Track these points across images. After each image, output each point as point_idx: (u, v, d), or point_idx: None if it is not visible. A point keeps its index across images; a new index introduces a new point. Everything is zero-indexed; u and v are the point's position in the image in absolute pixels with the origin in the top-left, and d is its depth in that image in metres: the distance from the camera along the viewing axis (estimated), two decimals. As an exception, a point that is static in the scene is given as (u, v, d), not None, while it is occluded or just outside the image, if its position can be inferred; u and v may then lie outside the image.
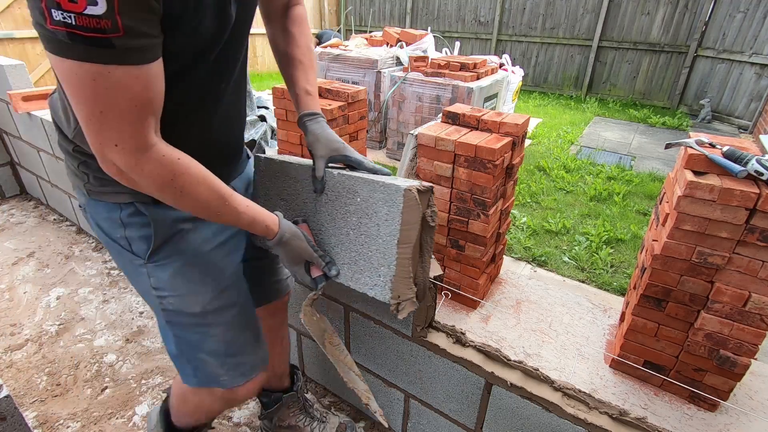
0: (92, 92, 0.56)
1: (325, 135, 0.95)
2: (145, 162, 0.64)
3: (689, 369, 1.71)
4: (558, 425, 1.04)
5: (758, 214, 1.39)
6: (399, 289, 0.86)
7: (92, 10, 0.50)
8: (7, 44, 5.47)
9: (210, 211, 0.75)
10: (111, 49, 0.53)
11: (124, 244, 0.86)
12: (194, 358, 0.93)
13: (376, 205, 0.84)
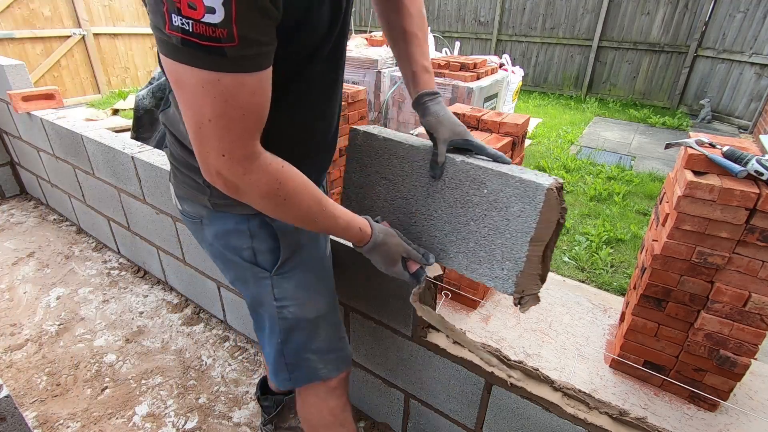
0: (201, 99, 0.55)
1: (448, 117, 0.89)
2: (253, 171, 0.63)
3: (689, 369, 1.71)
4: (558, 425, 1.04)
5: (758, 214, 1.39)
6: (524, 284, 0.83)
7: (209, 18, 0.49)
8: (7, 44, 5.47)
9: (309, 218, 0.74)
10: (223, 58, 0.53)
11: (247, 255, 0.86)
12: (299, 358, 0.95)
13: (508, 200, 0.80)
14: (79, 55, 6.22)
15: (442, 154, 0.88)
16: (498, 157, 0.88)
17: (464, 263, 0.90)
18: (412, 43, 0.92)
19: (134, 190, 1.99)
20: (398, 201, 0.97)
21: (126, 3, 6.58)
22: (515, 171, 0.82)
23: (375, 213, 1.04)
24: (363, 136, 0.99)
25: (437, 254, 0.95)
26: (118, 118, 5.32)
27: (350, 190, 1.08)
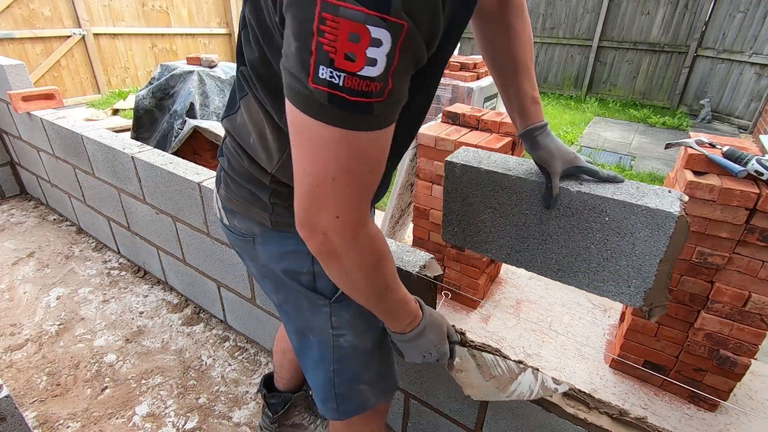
0: (330, 156, 0.49)
1: (559, 148, 0.85)
2: (362, 237, 0.58)
3: (689, 369, 1.71)
4: (558, 425, 1.04)
5: (758, 214, 1.39)
6: (653, 297, 0.84)
7: (368, 71, 0.43)
8: (7, 44, 5.47)
9: (385, 289, 0.68)
10: (368, 115, 0.47)
11: (306, 281, 0.80)
12: (351, 388, 0.88)
13: (634, 227, 0.80)
14: (79, 55, 6.23)
15: (557, 187, 0.85)
16: (612, 178, 0.85)
17: (586, 281, 0.89)
18: (522, 74, 0.86)
19: (134, 190, 1.99)
20: (507, 228, 0.96)
21: (126, 3, 6.58)
22: (636, 197, 0.80)
23: (481, 240, 1.02)
24: (461, 169, 0.97)
25: (555, 273, 0.93)
26: (118, 118, 5.32)
27: (452, 218, 1.05)
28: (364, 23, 0.41)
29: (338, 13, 0.41)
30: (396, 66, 0.44)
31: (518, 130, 0.89)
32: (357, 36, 0.41)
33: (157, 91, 3.38)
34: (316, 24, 0.41)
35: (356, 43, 0.41)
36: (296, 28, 0.43)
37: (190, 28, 7.55)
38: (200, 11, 7.68)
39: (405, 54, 0.45)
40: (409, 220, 2.68)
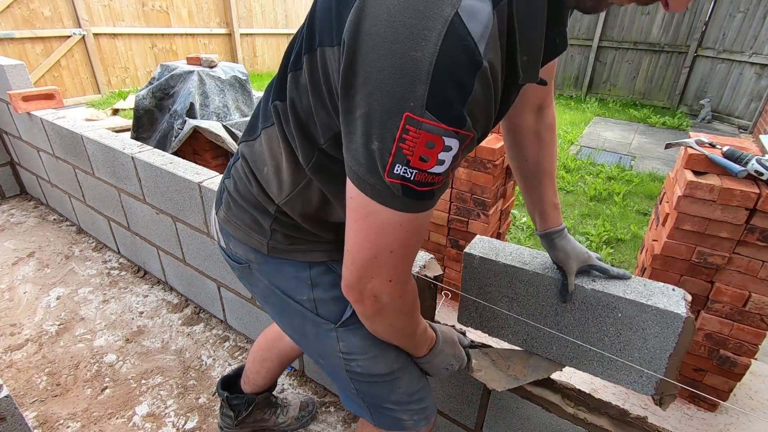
0: (393, 235, 0.55)
1: (574, 249, 0.92)
2: (408, 291, 0.65)
3: (689, 369, 1.71)
4: (558, 425, 1.04)
5: (758, 214, 1.39)
6: (663, 387, 0.90)
7: (437, 169, 0.50)
8: (7, 44, 5.47)
9: (414, 328, 0.76)
10: (431, 201, 0.54)
11: (309, 306, 0.81)
12: (380, 407, 0.89)
13: (645, 324, 0.86)
14: (79, 55, 6.23)
15: (572, 284, 0.91)
16: (621, 276, 0.92)
17: (600, 369, 0.96)
18: (547, 181, 0.92)
19: (134, 190, 1.99)
20: (524, 316, 1.02)
21: (126, 3, 6.58)
22: (645, 295, 0.87)
23: (497, 326, 1.09)
24: (479, 261, 1.03)
25: (571, 360, 1.00)
26: (118, 118, 5.32)
27: (469, 304, 1.12)
28: (441, 136, 0.48)
29: (420, 127, 0.47)
30: (458, 161, 0.53)
31: (537, 229, 0.96)
32: (433, 144, 0.48)
33: (157, 91, 3.38)
34: (399, 133, 0.47)
35: (431, 149, 0.48)
36: (378, 132, 0.49)
37: (190, 28, 7.55)
38: (200, 11, 7.68)
39: (465, 153, 0.54)
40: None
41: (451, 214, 2.10)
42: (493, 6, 0.48)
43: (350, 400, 0.91)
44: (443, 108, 0.46)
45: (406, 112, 0.47)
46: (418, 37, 0.45)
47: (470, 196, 1.99)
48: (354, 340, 0.80)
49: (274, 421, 1.49)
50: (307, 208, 0.74)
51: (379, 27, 0.47)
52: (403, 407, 0.89)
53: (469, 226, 2.06)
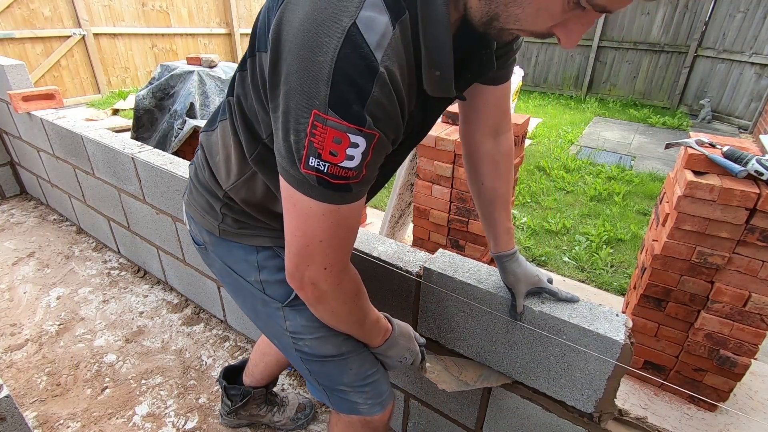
0: (317, 225, 0.60)
1: (524, 272, 0.96)
2: (345, 280, 0.69)
3: (689, 369, 1.71)
4: (558, 425, 1.04)
5: (758, 214, 1.39)
6: (603, 406, 0.96)
7: (347, 163, 0.55)
8: (7, 44, 5.47)
9: (361, 316, 0.79)
10: (347, 193, 0.59)
11: (257, 286, 0.87)
12: (334, 389, 0.93)
13: (587, 347, 0.91)
14: (79, 55, 6.23)
15: (521, 305, 0.96)
16: (569, 299, 0.97)
17: (546, 385, 1.02)
18: (500, 207, 0.97)
19: (134, 190, 1.99)
20: (478, 331, 1.09)
21: (126, 3, 6.58)
22: (589, 320, 0.92)
23: (454, 337, 1.15)
24: (438, 276, 1.09)
25: (520, 374, 1.06)
26: (118, 118, 5.32)
27: (428, 315, 1.18)
28: (345, 132, 0.53)
29: (326, 124, 0.53)
30: (369, 160, 0.57)
31: (491, 251, 1.01)
32: (339, 140, 0.54)
33: (157, 91, 3.38)
34: (310, 128, 0.53)
35: (338, 145, 0.54)
36: (294, 128, 0.55)
37: (190, 28, 7.55)
38: (200, 11, 7.67)
39: (376, 152, 0.58)
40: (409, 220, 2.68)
41: (451, 214, 2.10)
42: (394, 19, 0.53)
43: (309, 383, 0.97)
44: (344, 107, 0.52)
45: (314, 110, 0.52)
46: (321, 44, 0.51)
47: (470, 196, 1.99)
48: (300, 319, 0.85)
49: (269, 419, 1.52)
50: (251, 197, 0.81)
51: (292, 35, 0.53)
52: (356, 389, 0.92)
53: (469, 226, 2.06)
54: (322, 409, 1.63)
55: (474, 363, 1.13)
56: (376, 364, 0.94)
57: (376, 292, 1.27)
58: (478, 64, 0.68)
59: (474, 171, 0.98)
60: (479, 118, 0.91)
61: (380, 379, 0.95)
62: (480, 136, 0.93)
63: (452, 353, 1.18)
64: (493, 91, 0.87)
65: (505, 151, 0.95)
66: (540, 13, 0.53)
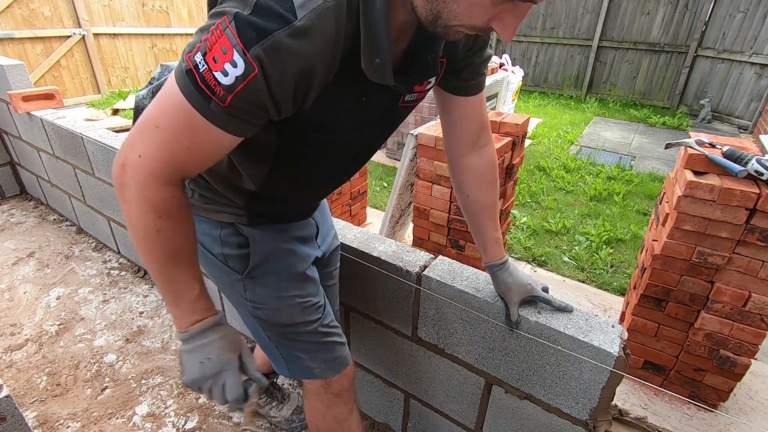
0: (168, 112, 0.61)
1: (515, 281, 0.98)
2: (151, 189, 0.64)
3: (689, 369, 1.71)
4: (558, 425, 1.04)
5: (758, 214, 1.39)
6: (598, 414, 0.97)
7: (219, 77, 0.56)
8: (7, 44, 5.47)
9: (164, 258, 0.69)
10: (205, 105, 0.59)
11: (221, 259, 0.92)
12: (289, 354, 1.00)
13: (582, 357, 0.93)
14: (79, 55, 6.22)
15: (515, 314, 0.97)
16: (563, 308, 0.98)
17: (542, 392, 1.04)
18: (486, 216, 0.99)
19: (134, 190, 1.98)
20: (476, 338, 1.11)
21: (126, 3, 6.57)
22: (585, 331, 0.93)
23: (453, 343, 1.16)
24: (437, 283, 1.10)
25: (516, 381, 1.07)
26: (118, 118, 5.32)
27: (427, 321, 1.19)
28: (232, 46, 0.55)
29: (224, 31, 0.55)
30: (238, 92, 0.57)
31: (483, 261, 1.03)
32: (225, 50, 0.55)
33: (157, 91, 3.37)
34: (212, 29, 0.56)
35: (223, 55, 0.56)
36: (205, 26, 0.58)
37: (190, 28, 7.55)
38: (200, 11, 7.67)
39: (249, 90, 0.57)
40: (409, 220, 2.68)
41: (451, 214, 2.10)
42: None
43: (268, 350, 1.02)
44: (245, 29, 0.54)
45: (224, 16, 0.55)
46: None
47: (470, 196, 1.99)
48: (257, 289, 0.92)
49: (266, 411, 1.53)
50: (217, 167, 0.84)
51: None
52: (310, 356, 0.99)
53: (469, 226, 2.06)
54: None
55: None
56: (329, 334, 1.01)
57: (376, 293, 1.27)
58: (424, 67, 0.72)
59: (459, 183, 1.01)
60: (459, 130, 0.94)
61: (334, 347, 1.02)
62: (461, 149, 0.96)
63: (452, 358, 1.18)
64: (468, 102, 0.90)
65: (487, 162, 0.98)
66: (473, 7, 0.57)
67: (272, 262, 0.93)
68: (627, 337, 0.93)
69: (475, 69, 0.85)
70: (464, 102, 0.90)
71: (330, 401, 1.05)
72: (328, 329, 1.01)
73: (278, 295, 0.93)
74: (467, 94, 0.89)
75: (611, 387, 0.93)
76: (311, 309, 0.97)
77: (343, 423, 1.08)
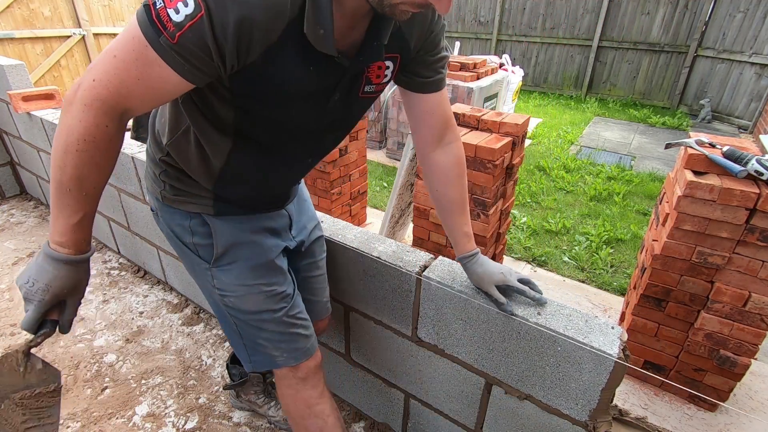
0: (123, 43, 0.65)
1: (486, 272, 1.01)
2: (92, 114, 0.67)
3: (689, 369, 1.71)
4: (558, 425, 1.04)
5: (758, 214, 1.39)
6: (597, 415, 0.98)
7: (171, 14, 0.61)
8: (7, 44, 5.46)
9: (67, 179, 0.70)
10: (155, 38, 0.63)
11: (192, 248, 0.99)
12: (253, 342, 1.04)
13: (581, 359, 0.93)
14: (79, 55, 6.22)
15: (498, 296, 1.00)
16: (537, 300, 1.00)
17: (541, 393, 1.04)
18: (455, 212, 1.03)
19: (134, 190, 1.99)
20: (475, 339, 1.11)
21: (126, 3, 6.57)
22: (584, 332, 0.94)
23: (453, 343, 1.16)
24: (436, 284, 1.11)
25: (516, 382, 1.07)
26: (118, 118, 5.32)
27: (427, 321, 1.19)
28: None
29: None
30: (185, 31, 0.61)
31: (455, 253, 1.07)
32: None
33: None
34: None
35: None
36: None
37: (190, 28, 7.55)
38: (200, 11, 7.67)
39: (194, 29, 0.61)
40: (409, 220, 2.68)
41: (451, 214, 2.10)
42: None
43: (232, 337, 1.06)
44: None
45: None
46: None
47: (470, 196, 1.99)
48: (224, 278, 0.97)
49: (265, 411, 1.55)
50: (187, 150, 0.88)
51: None
52: (274, 344, 1.03)
53: (469, 226, 2.06)
54: (322, 409, 1.63)
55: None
56: (292, 325, 1.04)
57: (376, 293, 1.27)
58: (370, 49, 0.77)
59: (428, 179, 1.05)
60: (423, 127, 0.99)
61: (297, 338, 1.05)
62: (428, 145, 1.01)
63: (451, 358, 1.18)
64: (430, 98, 0.95)
65: (453, 158, 1.01)
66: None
67: (236, 251, 0.97)
68: (627, 338, 0.93)
69: (430, 66, 0.91)
70: (425, 99, 0.95)
71: (298, 385, 1.09)
72: (293, 320, 1.04)
73: (243, 284, 0.97)
74: (426, 92, 0.94)
75: (611, 388, 0.93)
76: (276, 298, 1.01)
77: (313, 407, 1.11)
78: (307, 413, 1.11)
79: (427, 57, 0.90)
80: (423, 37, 0.86)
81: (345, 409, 1.63)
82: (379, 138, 4.71)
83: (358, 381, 1.53)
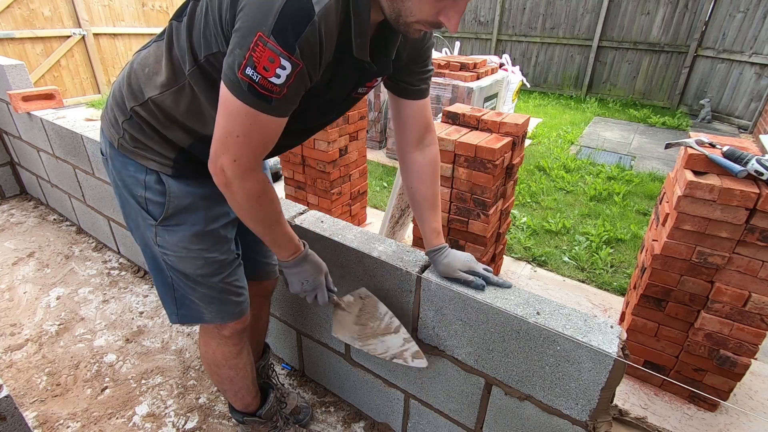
0: (239, 123, 0.77)
1: (452, 259, 1.10)
2: (249, 179, 0.83)
3: (689, 369, 1.71)
4: (558, 425, 1.04)
5: (758, 213, 1.39)
6: (597, 415, 0.98)
7: (274, 79, 0.72)
8: (7, 44, 5.46)
9: (268, 223, 0.92)
10: (268, 103, 0.75)
11: (141, 202, 1.01)
12: (184, 297, 1.10)
13: (580, 358, 0.94)
14: (79, 55, 6.22)
15: (466, 277, 1.07)
16: (501, 284, 1.08)
17: (541, 393, 1.05)
18: (426, 209, 1.14)
19: (134, 190, 1.98)
20: (475, 339, 1.12)
21: (126, 3, 6.57)
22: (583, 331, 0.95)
23: (453, 345, 1.18)
24: (436, 285, 1.12)
25: (516, 382, 1.08)
26: (118, 118, 5.32)
27: (427, 323, 1.20)
28: (278, 56, 0.70)
29: (266, 45, 0.70)
30: (291, 83, 0.74)
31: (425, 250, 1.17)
32: (273, 60, 0.71)
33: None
34: (252, 46, 0.70)
35: (271, 63, 0.71)
36: (241, 43, 0.71)
37: (190, 28, 7.54)
38: (200, 11, 7.66)
39: (298, 79, 0.74)
40: (409, 220, 2.68)
41: (451, 214, 2.10)
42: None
43: (163, 289, 1.11)
44: (283, 37, 0.69)
45: (258, 32, 0.69)
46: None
47: (470, 196, 1.99)
48: (167, 237, 1.02)
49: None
50: (173, 108, 0.92)
51: None
52: (205, 304, 1.10)
53: (469, 226, 2.06)
54: (322, 409, 1.63)
55: (391, 327, 1.15)
56: (227, 291, 1.10)
57: (376, 293, 1.27)
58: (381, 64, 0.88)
59: (405, 177, 1.15)
60: (406, 129, 1.09)
61: (229, 301, 1.12)
62: (408, 146, 1.11)
63: (451, 358, 1.18)
64: (414, 105, 1.06)
65: (429, 160, 1.12)
66: (422, 4, 0.73)
67: (185, 215, 1.01)
68: (626, 338, 0.93)
69: (416, 76, 1.02)
70: (411, 105, 1.06)
71: (221, 340, 1.19)
72: (228, 286, 1.10)
73: (185, 247, 1.02)
74: (412, 98, 1.05)
75: (610, 387, 0.93)
76: (216, 265, 1.06)
77: (230, 360, 1.22)
78: (223, 364, 1.22)
79: (416, 68, 1.01)
80: (415, 51, 0.98)
81: (345, 409, 1.63)
82: (379, 138, 4.71)
83: (358, 381, 1.53)
